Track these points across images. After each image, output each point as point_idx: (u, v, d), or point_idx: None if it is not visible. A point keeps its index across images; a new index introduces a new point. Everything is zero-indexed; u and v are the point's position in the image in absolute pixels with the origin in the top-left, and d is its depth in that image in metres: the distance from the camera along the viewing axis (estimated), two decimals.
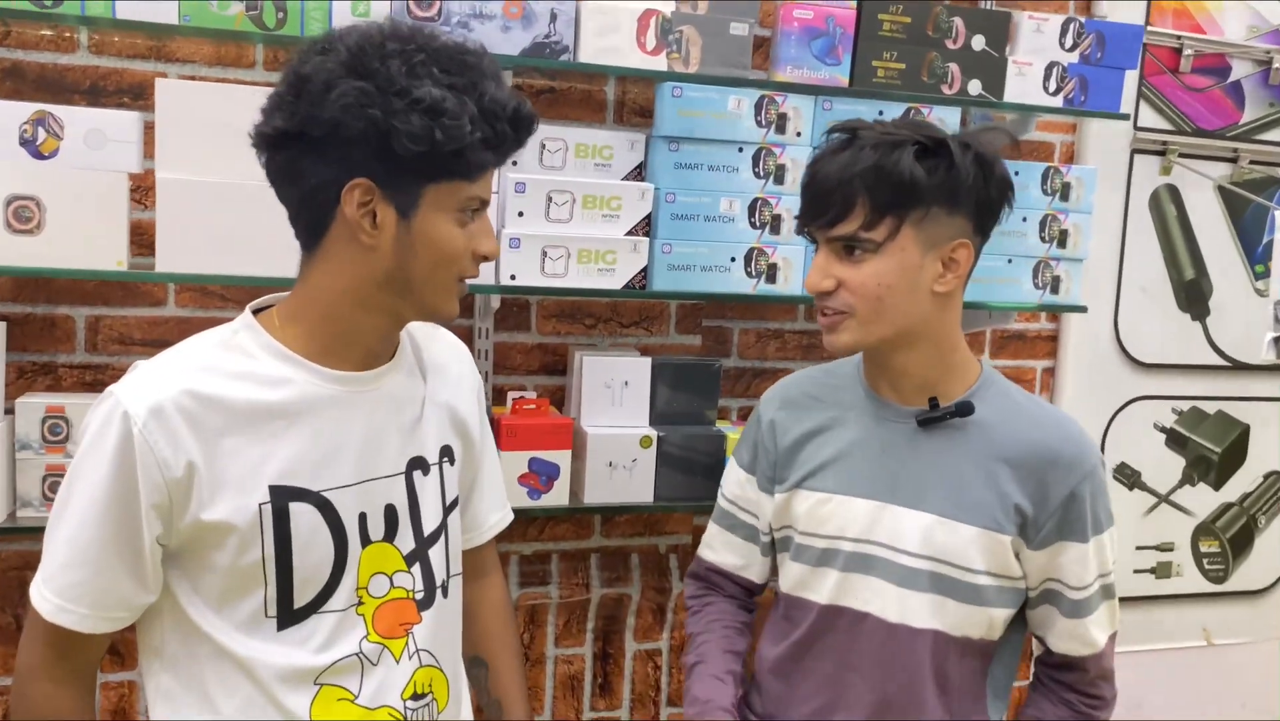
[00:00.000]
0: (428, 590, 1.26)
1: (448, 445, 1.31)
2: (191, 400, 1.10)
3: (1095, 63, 2.12)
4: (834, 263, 1.31)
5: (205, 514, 1.11)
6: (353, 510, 1.19)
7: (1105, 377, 2.58)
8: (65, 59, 1.87)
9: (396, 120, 1.06)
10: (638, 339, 2.23)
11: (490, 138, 1.11)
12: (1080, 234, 2.16)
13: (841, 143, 1.31)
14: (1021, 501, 1.34)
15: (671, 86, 1.87)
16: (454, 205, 1.14)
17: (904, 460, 1.38)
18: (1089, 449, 1.37)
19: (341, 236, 1.14)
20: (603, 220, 1.89)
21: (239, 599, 1.15)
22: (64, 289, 1.90)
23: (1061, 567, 1.36)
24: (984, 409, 1.37)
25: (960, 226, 1.31)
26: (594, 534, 2.26)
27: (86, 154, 1.65)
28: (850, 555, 1.39)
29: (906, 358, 1.36)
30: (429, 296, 1.17)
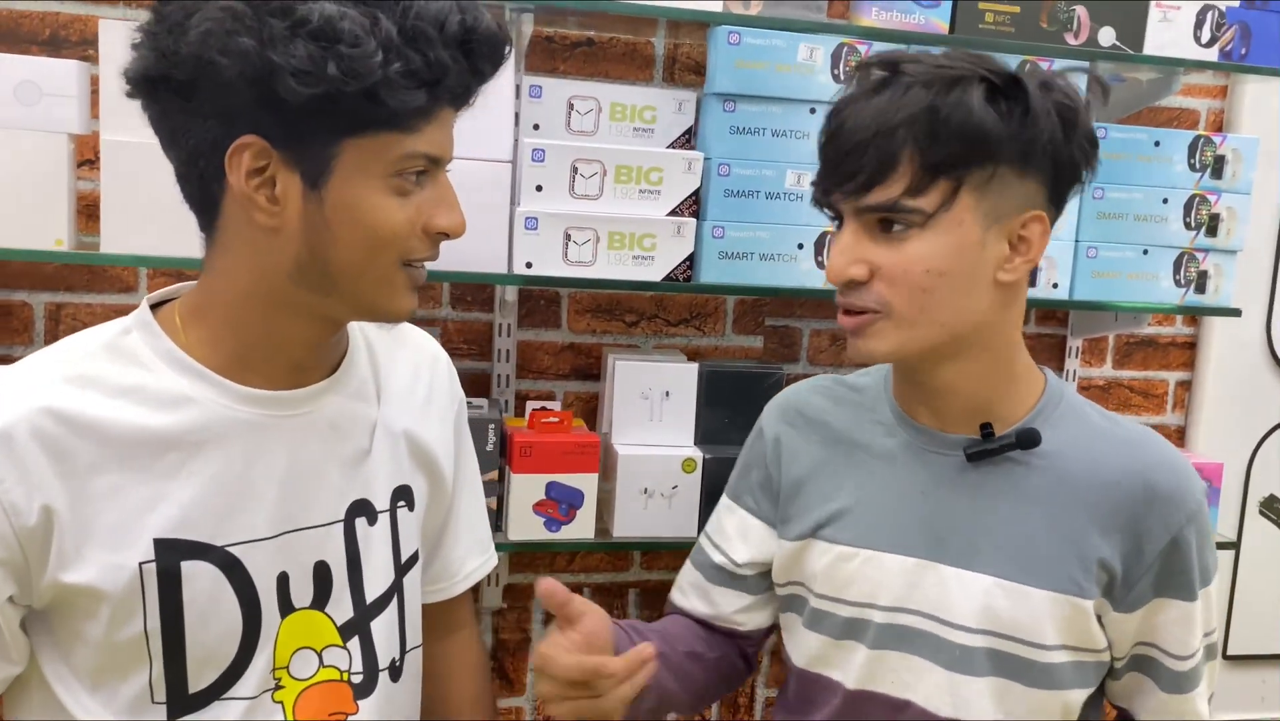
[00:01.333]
0: (368, 672, 0.97)
1: (405, 486, 1.02)
2: (55, 424, 0.84)
3: (1263, 6, 1.71)
4: (865, 242, 0.98)
5: (67, 575, 0.84)
6: (269, 570, 0.92)
7: (1255, 394, 2.15)
8: (21, 5, 1.61)
9: (275, 52, 0.77)
10: (687, 339, 1.89)
11: (420, 69, 0.80)
12: (1235, 220, 1.75)
13: (878, 82, 0.97)
14: (1108, 554, 1.02)
15: (727, 31, 1.53)
16: (384, 168, 0.84)
17: (951, 505, 1.05)
18: (1192, 479, 1.04)
19: (237, 215, 0.86)
20: (640, 197, 1.56)
21: (117, 681, 0.88)
22: (20, 272, 1.65)
23: (1159, 630, 1.04)
24: (1051, 435, 1.04)
25: (1033, 194, 0.98)
26: (633, 566, 1.93)
27: (18, 110, 1.38)
28: (883, 627, 1.07)
29: (956, 371, 1.03)
30: (363, 291, 0.88)
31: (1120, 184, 1.69)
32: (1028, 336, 2.02)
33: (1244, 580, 2.21)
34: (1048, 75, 1.00)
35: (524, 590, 1.88)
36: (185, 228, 1.36)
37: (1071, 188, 1.02)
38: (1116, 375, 2.09)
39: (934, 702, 1.05)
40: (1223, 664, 2.22)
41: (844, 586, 1.09)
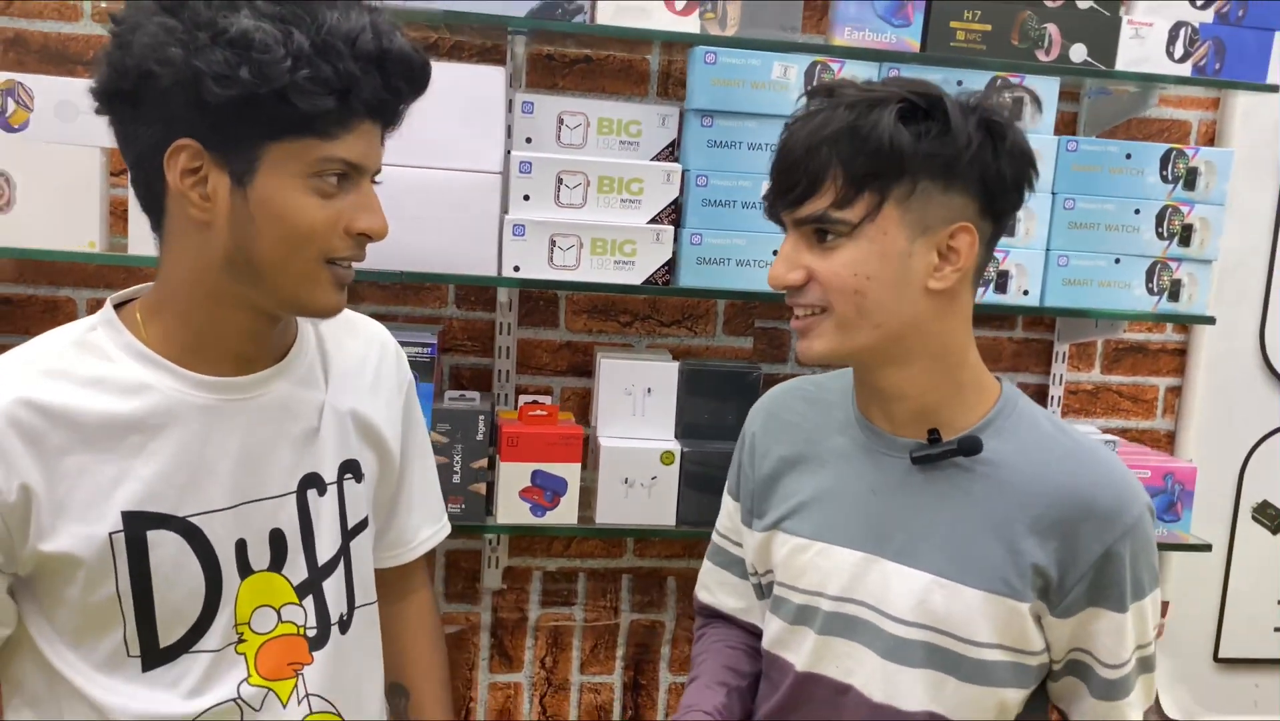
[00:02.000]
0: (321, 626, 1.09)
1: (352, 460, 1.12)
2: (29, 412, 0.94)
3: (1235, 22, 1.75)
4: (803, 250, 1.06)
5: (45, 545, 0.96)
6: (228, 537, 1.03)
7: (1247, 400, 2.18)
8: (69, 28, 1.78)
9: (199, 59, 0.88)
10: (679, 340, 1.99)
11: (329, 77, 0.90)
12: (1209, 230, 1.79)
13: (817, 105, 1.06)
14: (1043, 561, 1.06)
15: (704, 52, 1.63)
16: (303, 169, 0.94)
17: (897, 505, 1.11)
18: (1133, 496, 1.08)
19: (177, 212, 0.97)
20: (621, 206, 1.67)
21: (95, 637, 1.00)
22: (65, 270, 1.82)
23: (1093, 638, 1.09)
24: (998, 443, 1.09)
25: (960, 206, 1.04)
26: (626, 553, 2.04)
27: (58, 126, 1.54)
28: (830, 615, 1.14)
29: (899, 375, 1.08)
30: (286, 284, 0.98)
31: (1091, 195, 1.75)
32: (1015, 342, 2.09)
33: (1236, 585, 2.24)
34: (978, 96, 1.06)
35: (522, 572, 2.01)
36: None
37: (1007, 201, 1.08)
38: (1105, 380, 2.14)
39: (870, 688, 1.12)
40: (1216, 667, 2.26)
41: (798, 575, 1.16)
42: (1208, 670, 2.26)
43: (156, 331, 1.00)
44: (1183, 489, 1.86)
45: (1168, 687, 2.24)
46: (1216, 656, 2.26)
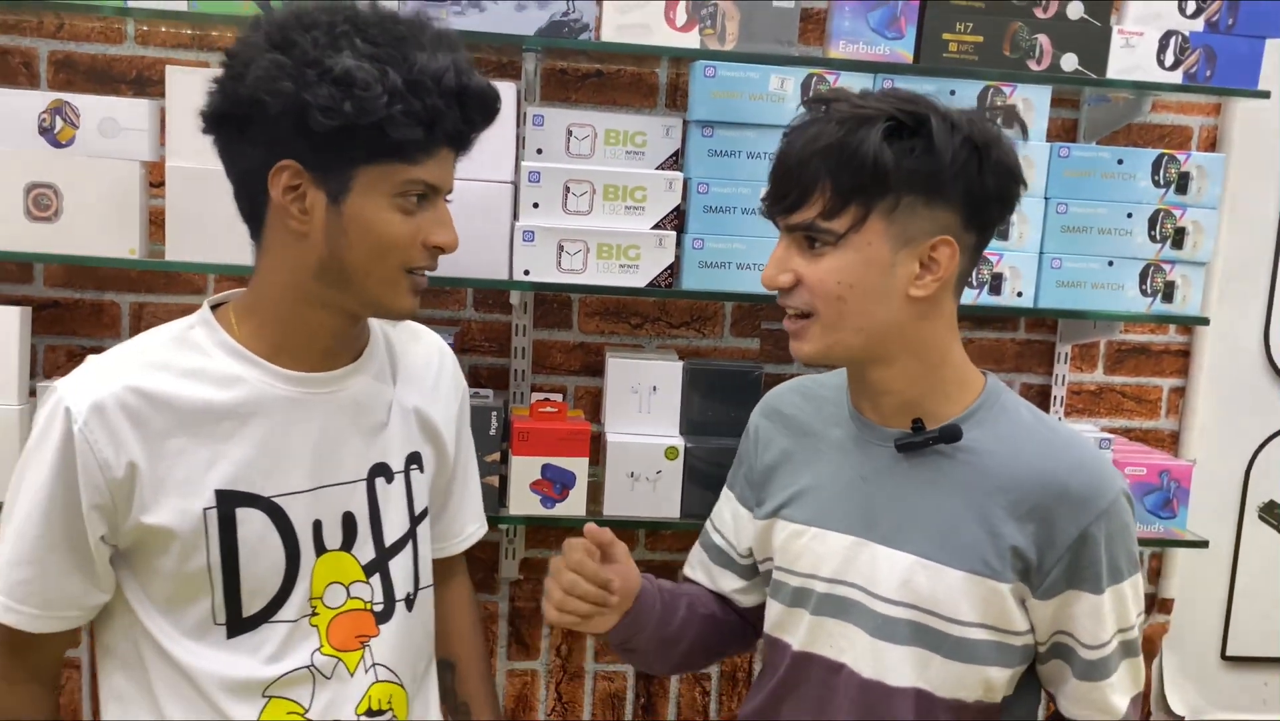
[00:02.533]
0: (387, 602, 1.20)
1: (416, 452, 1.24)
2: (136, 398, 1.06)
3: (1226, 30, 1.80)
4: (793, 255, 1.13)
5: (147, 517, 1.07)
6: (306, 517, 1.14)
7: (1251, 401, 2.21)
8: (113, 50, 1.90)
9: (307, 93, 1.00)
10: (688, 341, 2.07)
11: (418, 111, 1.02)
12: (1202, 233, 1.84)
13: (813, 116, 1.13)
14: (1021, 542, 1.13)
15: (704, 66, 1.71)
16: (390, 189, 1.06)
17: (885, 491, 1.18)
18: (1107, 481, 1.13)
19: (277, 224, 1.09)
20: (626, 212, 1.75)
21: (185, 605, 1.11)
22: (109, 277, 1.95)
23: (1073, 620, 1.15)
24: (979, 433, 1.15)
25: (943, 221, 1.10)
26: (638, 546, 2.12)
27: (101, 142, 1.66)
28: (823, 596, 1.21)
29: (885, 372, 1.16)
30: (371, 288, 1.10)
31: (1083, 199, 1.80)
32: (1018, 343, 2.14)
33: (1244, 584, 2.27)
34: (967, 113, 1.11)
35: (538, 564, 2.09)
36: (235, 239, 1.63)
37: (990, 214, 1.13)
38: (1108, 380, 2.18)
39: (860, 665, 1.18)
40: (1224, 665, 2.29)
41: (795, 559, 1.24)
42: (1215, 668, 2.29)
43: (248, 330, 1.12)
44: (1179, 486, 1.90)
45: (1176, 685, 2.27)
46: (1224, 654, 2.29)
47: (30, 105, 1.64)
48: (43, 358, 1.95)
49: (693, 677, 2.17)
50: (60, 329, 1.95)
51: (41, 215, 1.66)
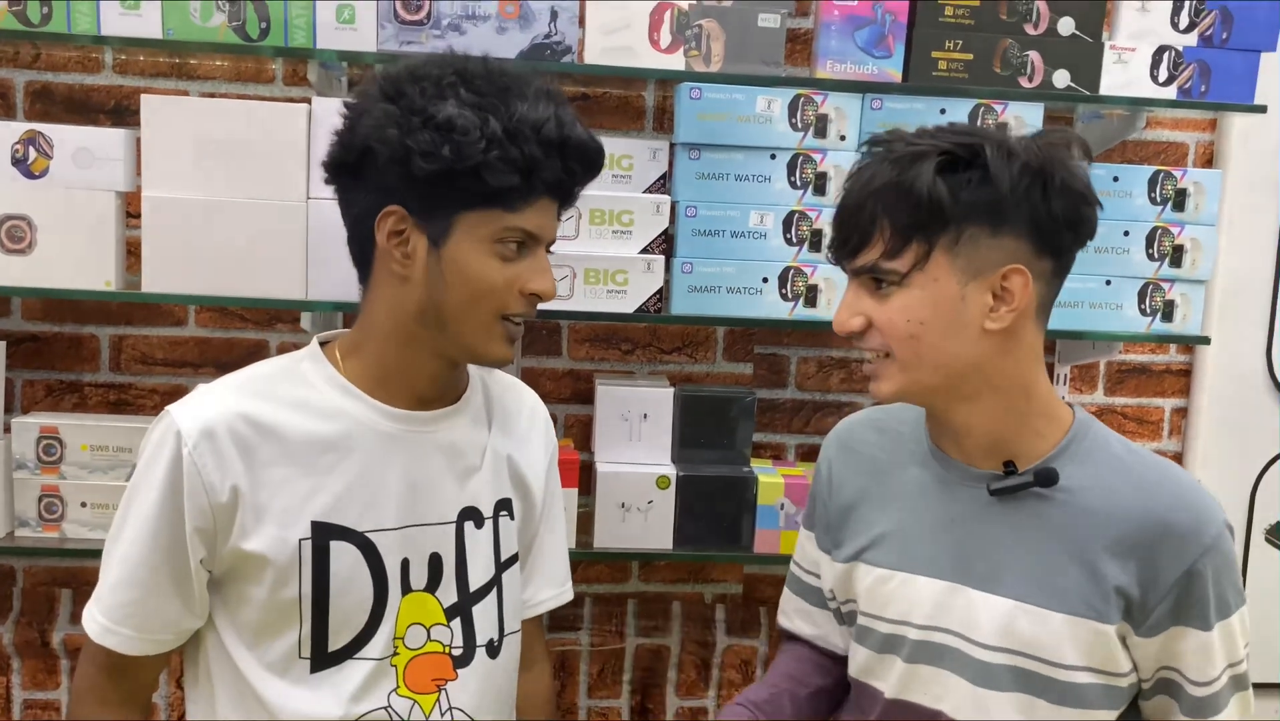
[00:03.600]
0: (467, 647, 1.19)
1: (506, 498, 1.23)
2: (245, 425, 1.08)
3: (1220, 45, 1.77)
4: (863, 297, 1.10)
5: (245, 543, 1.09)
6: (396, 555, 1.14)
7: (1254, 421, 2.16)
8: (91, 79, 1.88)
9: (411, 139, 1.03)
10: (679, 366, 2.04)
11: (516, 159, 1.04)
12: (1200, 250, 1.80)
13: (868, 158, 1.11)
14: (1125, 582, 1.09)
15: (689, 87, 1.68)
16: (489, 235, 1.08)
17: (977, 534, 1.14)
18: (1209, 515, 1.10)
19: (382, 268, 1.12)
20: (613, 237, 1.72)
21: (273, 637, 1.11)
22: (89, 309, 1.91)
23: (1180, 657, 1.11)
24: (1074, 470, 1.12)
25: (1011, 249, 1.06)
26: (631, 578, 2.08)
27: (75, 172, 1.63)
28: (917, 643, 1.16)
29: (967, 410, 1.12)
30: (467, 333, 1.11)
31: None
32: None
33: (1253, 608, 2.20)
34: (1024, 139, 1.08)
35: None
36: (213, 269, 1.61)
37: (1062, 239, 1.09)
38: (1109, 401, 2.14)
39: (960, 713, 1.14)
40: None
41: (884, 605, 1.19)
42: None
43: (353, 366, 1.14)
44: None
45: None
46: None
47: (2, 136, 1.61)
48: (20, 392, 1.91)
49: (689, 712, 2.12)
50: (39, 363, 1.91)
51: (15, 248, 1.63)
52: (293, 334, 1.95)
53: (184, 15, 1.61)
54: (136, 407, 1.94)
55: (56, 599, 1.94)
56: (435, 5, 1.63)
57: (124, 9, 1.60)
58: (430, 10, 1.64)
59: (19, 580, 1.94)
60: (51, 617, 1.95)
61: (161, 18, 1.60)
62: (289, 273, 1.64)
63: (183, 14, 1.61)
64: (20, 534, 1.72)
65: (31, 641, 1.94)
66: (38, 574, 1.94)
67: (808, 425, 2.08)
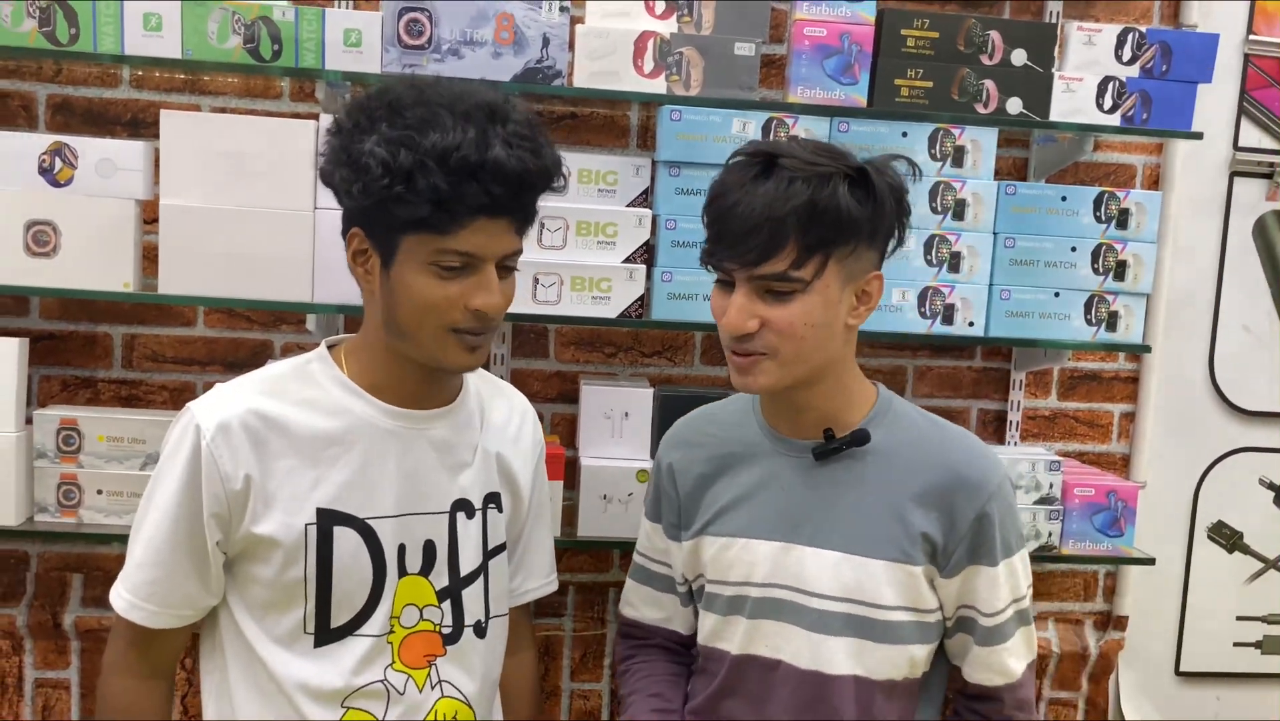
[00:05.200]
0: (456, 626, 1.29)
1: (495, 492, 1.34)
2: (257, 420, 1.19)
3: (1160, 76, 1.92)
4: (756, 302, 1.22)
5: (256, 527, 1.19)
6: (393, 540, 1.24)
7: (1198, 426, 2.31)
8: (109, 93, 2.00)
9: (337, 175, 1.14)
10: (660, 369, 2.16)
11: (422, 190, 1.09)
12: (1142, 265, 1.94)
13: (759, 170, 1.21)
14: (929, 528, 1.27)
15: (670, 110, 1.82)
16: (425, 258, 1.15)
17: (805, 497, 1.30)
18: (992, 467, 1.30)
19: (361, 283, 1.23)
20: (598, 247, 1.85)
21: (280, 613, 1.22)
22: (104, 309, 2.02)
23: (974, 593, 1.29)
24: (883, 434, 1.30)
25: (873, 258, 1.26)
26: (612, 567, 2.20)
27: (98, 182, 1.75)
28: (757, 600, 1.31)
29: (810, 393, 1.29)
30: (423, 344, 1.20)
31: (1029, 234, 1.91)
32: (975, 371, 2.24)
33: (1195, 601, 2.36)
34: (878, 163, 1.23)
35: None
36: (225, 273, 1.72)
37: (891, 244, 1.28)
38: (1061, 406, 2.28)
39: (799, 659, 1.29)
40: (1177, 680, 2.38)
41: (727, 570, 1.34)
42: (1169, 683, 2.38)
43: (355, 367, 1.25)
44: (1125, 505, 1.99)
45: (1132, 700, 2.35)
46: (1178, 670, 2.37)
47: (31, 147, 1.73)
48: (37, 387, 2.02)
49: None
50: (55, 360, 2.02)
51: (40, 251, 1.74)
52: (296, 334, 2.07)
53: (202, 37, 1.73)
54: (146, 403, 2.06)
55: (69, 582, 2.05)
56: (436, 31, 1.76)
57: (146, 31, 1.72)
58: (431, 36, 1.77)
59: (33, 565, 2.05)
60: (63, 601, 2.06)
61: (181, 39, 1.73)
62: (296, 277, 1.76)
63: (201, 36, 1.73)
64: (39, 519, 1.83)
65: (44, 623, 2.05)
66: (51, 559, 2.05)
67: None
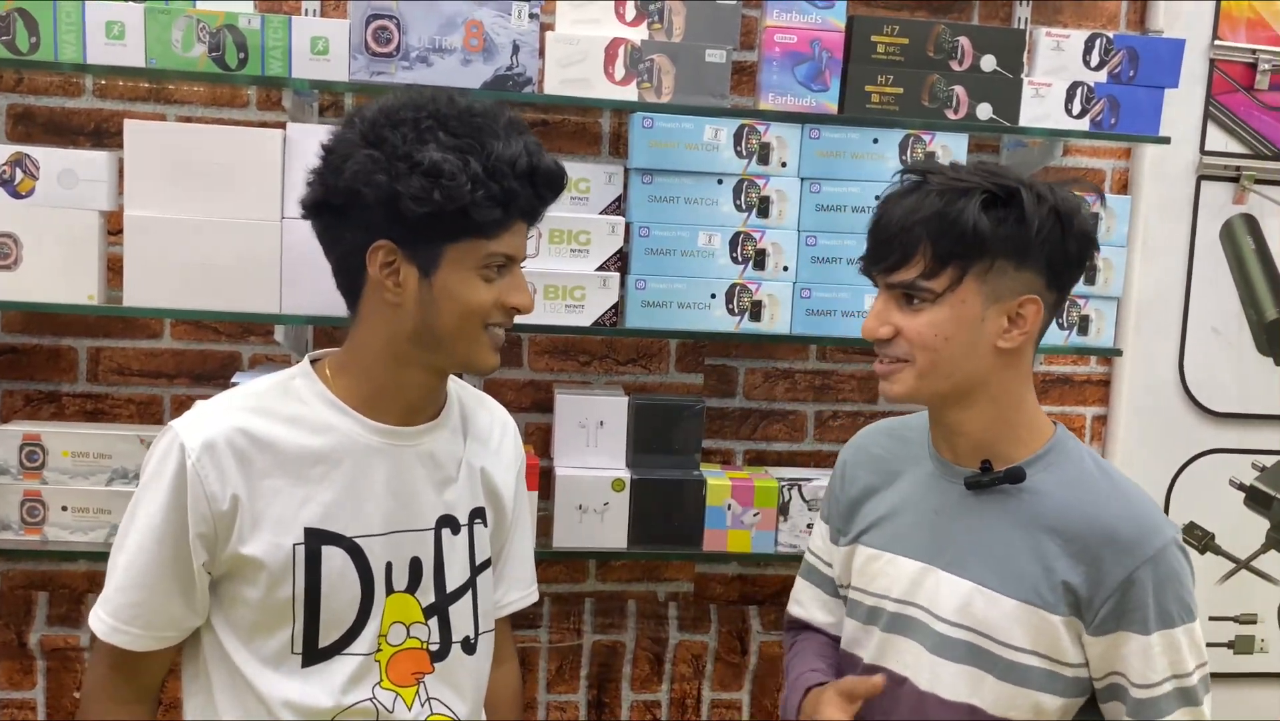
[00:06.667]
0: (444, 643, 1.27)
1: (480, 507, 1.32)
2: (243, 438, 1.16)
3: (1128, 81, 1.93)
4: (893, 309, 1.23)
5: (243, 548, 1.16)
6: (381, 558, 1.22)
7: (1169, 428, 2.33)
8: (72, 103, 1.97)
9: (400, 184, 1.11)
10: (635, 377, 2.16)
11: (497, 194, 1.12)
12: (1112, 269, 1.96)
13: (910, 185, 1.23)
14: (1072, 579, 1.22)
15: (641, 117, 1.81)
16: (475, 263, 1.16)
17: (953, 523, 1.28)
18: (1154, 531, 1.21)
19: (373, 296, 1.19)
20: (571, 255, 1.84)
21: (267, 634, 1.19)
22: (68, 322, 1.99)
23: (1123, 660, 1.22)
24: (1045, 476, 1.25)
25: (1029, 281, 1.20)
26: (589, 578, 2.19)
27: (60, 192, 1.72)
28: (893, 616, 1.31)
29: (963, 415, 1.25)
30: (460, 348, 1.19)
31: None
32: None
33: None
34: (1049, 186, 1.22)
35: None
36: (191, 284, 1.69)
37: (1070, 276, 1.23)
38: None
39: (920, 677, 1.27)
40: None
41: (870, 580, 1.34)
42: None
43: (342, 384, 1.22)
44: None
45: None
46: None
47: None
48: (0, 403, 1.98)
49: (643, 705, 2.23)
50: (17, 374, 1.99)
51: (2, 264, 1.71)
52: (265, 346, 2.04)
53: (166, 45, 1.71)
54: (112, 417, 2.02)
55: (34, 601, 2.01)
56: (404, 38, 1.75)
57: (109, 39, 1.70)
58: (400, 43, 1.75)
59: None
60: (28, 620, 2.02)
61: (145, 48, 1.70)
62: (264, 288, 1.74)
63: (165, 44, 1.71)
64: (2, 537, 1.79)
65: (9, 642, 2.01)
66: (15, 577, 2.02)
67: (755, 432, 2.21)
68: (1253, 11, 2.25)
